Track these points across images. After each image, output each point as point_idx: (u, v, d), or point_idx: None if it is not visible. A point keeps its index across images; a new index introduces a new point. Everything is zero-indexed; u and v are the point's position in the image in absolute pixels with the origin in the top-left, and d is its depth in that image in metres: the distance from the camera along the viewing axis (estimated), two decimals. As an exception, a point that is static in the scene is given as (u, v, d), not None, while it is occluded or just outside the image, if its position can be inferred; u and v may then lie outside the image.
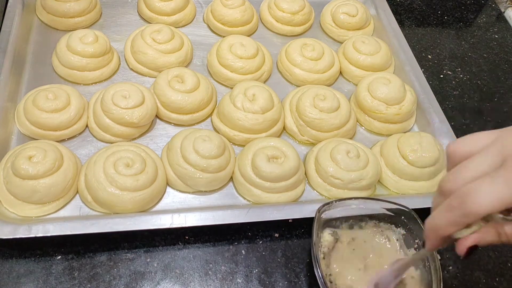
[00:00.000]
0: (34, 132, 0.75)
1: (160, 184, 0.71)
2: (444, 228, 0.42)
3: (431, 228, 0.43)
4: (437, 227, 0.42)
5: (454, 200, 0.40)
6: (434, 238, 0.44)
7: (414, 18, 1.19)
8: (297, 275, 0.68)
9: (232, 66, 0.89)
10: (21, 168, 0.65)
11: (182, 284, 0.66)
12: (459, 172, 0.41)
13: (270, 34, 1.05)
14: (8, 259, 0.65)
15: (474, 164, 0.40)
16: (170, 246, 0.69)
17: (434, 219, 0.43)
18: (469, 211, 0.39)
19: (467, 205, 0.39)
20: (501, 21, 1.24)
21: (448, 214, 0.41)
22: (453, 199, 0.40)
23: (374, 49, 0.96)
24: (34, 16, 0.95)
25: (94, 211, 0.70)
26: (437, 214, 0.42)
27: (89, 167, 0.70)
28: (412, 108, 0.88)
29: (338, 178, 0.74)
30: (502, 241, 0.42)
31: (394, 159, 0.79)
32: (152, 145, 0.80)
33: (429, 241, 0.45)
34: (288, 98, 0.88)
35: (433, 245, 0.45)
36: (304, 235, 0.73)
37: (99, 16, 0.99)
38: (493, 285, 0.72)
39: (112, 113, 0.76)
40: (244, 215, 0.70)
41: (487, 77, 1.07)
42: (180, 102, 0.80)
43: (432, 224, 0.43)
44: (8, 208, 0.67)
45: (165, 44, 0.88)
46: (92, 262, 0.66)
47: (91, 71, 0.85)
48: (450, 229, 0.41)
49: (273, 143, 0.76)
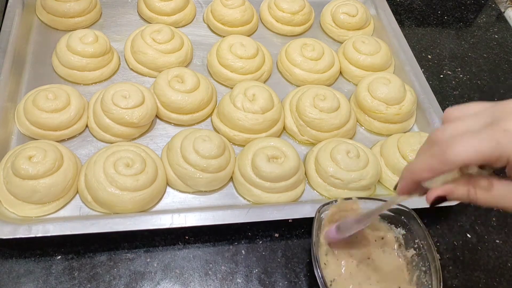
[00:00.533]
0: (34, 132, 0.75)
1: (160, 184, 0.71)
2: (420, 172, 0.44)
3: (408, 169, 0.45)
4: (414, 169, 0.44)
5: (436, 148, 0.42)
6: (408, 180, 0.46)
7: (414, 18, 1.19)
8: (297, 275, 0.68)
9: (232, 66, 0.89)
10: (21, 168, 0.65)
11: (182, 284, 0.66)
12: (448, 127, 0.43)
13: (270, 34, 1.05)
14: (8, 259, 0.65)
15: (464, 122, 0.42)
16: (170, 246, 0.69)
17: (414, 163, 0.45)
18: (447, 158, 0.40)
19: (446, 153, 0.40)
20: (501, 21, 1.24)
21: (429, 160, 0.42)
22: (436, 147, 0.42)
23: (374, 49, 0.96)
24: (34, 16, 0.95)
25: (94, 211, 0.70)
26: (417, 158, 0.45)
27: (89, 167, 0.70)
28: (412, 108, 0.88)
29: (338, 178, 0.74)
30: (470, 199, 0.43)
31: (394, 159, 0.79)
32: (152, 145, 0.80)
33: (402, 181, 0.46)
34: (288, 98, 0.88)
35: (404, 187, 0.47)
36: (304, 235, 0.73)
37: (99, 16, 0.99)
38: (493, 285, 0.72)
39: (112, 113, 0.76)
40: (244, 215, 0.70)
41: (487, 77, 1.07)
42: (180, 102, 0.80)
43: (410, 167, 0.45)
44: (8, 208, 0.67)
45: (165, 44, 0.88)
46: (92, 262, 0.66)
47: (91, 71, 0.85)
48: (427, 174, 0.43)
49: (273, 143, 0.76)
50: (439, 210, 0.79)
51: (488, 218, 0.80)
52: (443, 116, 0.46)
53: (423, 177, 0.44)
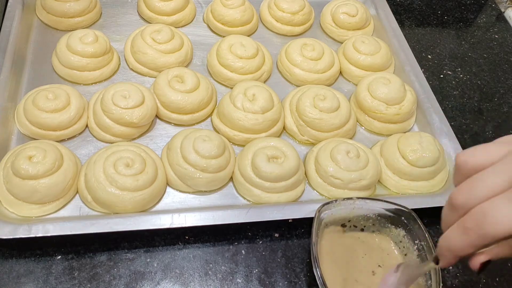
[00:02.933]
0: (34, 132, 0.75)
1: (160, 184, 0.71)
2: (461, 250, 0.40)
3: (447, 248, 0.42)
4: (454, 247, 0.41)
5: (470, 221, 0.38)
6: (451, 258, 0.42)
7: (414, 18, 1.19)
8: (297, 275, 0.68)
9: (232, 66, 0.89)
10: (21, 168, 0.65)
11: (182, 284, 0.66)
12: (473, 187, 0.39)
13: (270, 34, 1.05)
14: (8, 259, 0.65)
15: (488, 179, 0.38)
16: (170, 246, 0.69)
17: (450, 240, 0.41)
18: (486, 233, 0.37)
19: (484, 227, 0.37)
20: (501, 21, 1.24)
21: (464, 237, 0.39)
22: (469, 220, 0.38)
23: (374, 49, 0.96)
24: (34, 16, 0.95)
25: (94, 211, 0.70)
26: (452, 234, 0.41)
27: (89, 167, 0.70)
28: (412, 108, 0.88)
29: (338, 178, 0.74)
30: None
31: (394, 159, 0.79)
32: (152, 145, 0.80)
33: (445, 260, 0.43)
34: (288, 98, 0.88)
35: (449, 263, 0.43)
36: (304, 235, 0.73)
37: (99, 16, 0.99)
38: (493, 285, 0.72)
39: (112, 113, 0.76)
40: (244, 215, 0.70)
41: (487, 77, 1.07)
42: (180, 102, 0.80)
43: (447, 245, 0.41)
44: (8, 208, 0.67)
45: (165, 44, 0.88)
46: (92, 262, 0.66)
47: (91, 71, 0.85)
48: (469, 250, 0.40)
49: (273, 143, 0.76)
50: (439, 210, 0.78)
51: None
52: (456, 163, 0.42)
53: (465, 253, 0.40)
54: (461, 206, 0.39)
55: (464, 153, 0.42)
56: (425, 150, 0.78)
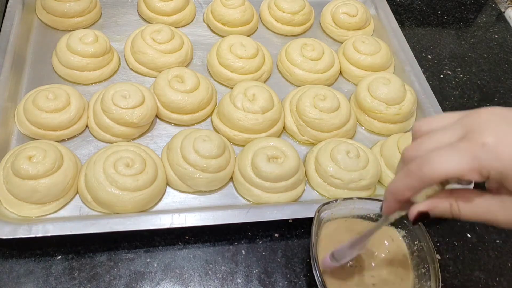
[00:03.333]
0: (34, 132, 0.75)
1: (160, 184, 0.71)
2: (401, 192, 0.43)
3: (389, 191, 0.45)
4: (395, 190, 0.44)
5: (413, 165, 0.41)
6: (392, 201, 0.45)
7: (414, 18, 1.19)
8: (297, 275, 0.68)
9: (232, 66, 0.89)
10: (21, 168, 0.65)
11: (182, 284, 0.66)
12: (422, 142, 0.42)
13: (270, 34, 1.05)
14: (8, 259, 0.65)
15: (437, 136, 0.42)
16: (170, 246, 0.69)
17: (393, 183, 0.44)
18: (424, 175, 0.40)
19: (423, 170, 0.40)
20: (501, 21, 1.24)
21: (406, 179, 0.42)
22: (412, 164, 0.42)
23: (374, 49, 0.96)
24: (34, 16, 0.95)
25: (94, 211, 0.70)
26: (396, 178, 0.44)
27: (89, 167, 0.70)
28: (412, 108, 0.88)
29: (338, 178, 0.74)
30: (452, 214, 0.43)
31: (394, 159, 0.79)
32: (152, 145, 0.80)
33: (387, 203, 0.46)
34: (288, 98, 0.88)
35: (389, 207, 0.46)
36: (304, 235, 0.73)
37: (99, 16, 0.99)
38: (493, 285, 0.72)
39: (112, 113, 0.76)
40: (244, 215, 0.70)
41: (487, 77, 1.07)
42: (180, 102, 0.80)
43: (390, 187, 0.45)
44: (8, 208, 0.67)
45: (165, 44, 0.88)
46: (92, 262, 0.66)
47: (91, 71, 0.85)
48: (407, 193, 0.43)
49: (273, 143, 0.76)
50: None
51: (488, 218, 0.80)
52: (412, 131, 0.46)
53: (404, 196, 0.43)
54: (409, 158, 0.43)
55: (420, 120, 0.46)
56: (425, 150, 0.77)
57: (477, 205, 0.42)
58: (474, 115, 0.41)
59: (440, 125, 0.43)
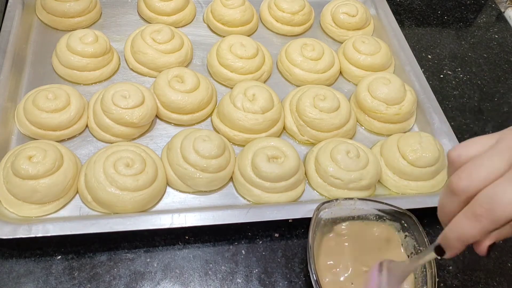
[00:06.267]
0: (34, 132, 0.75)
1: (160, 184, 0.71)
2: (473, 237, 0.41)
3: (457, 238, 0.42)
4: (465, 236, 0.41)
5: (479, 208, 0.39)
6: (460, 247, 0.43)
7: (414, 18, 1.19)
8: (297, 275, 0.68)
9: (232, 66, 0.89)
10: (21, 168, 0.65)
11: (182, 284, 0.66)
12: (472, 170, 0.40)
13: (270, 34, 1.05)
14: (8, 259, 0.65)
15: (483, 162, 0.39)
16: (170, 246, 0.69)
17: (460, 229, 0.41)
18: (498, 217, 0.38)
19: (495, 212, 0.38)
20: (501, 21, 1.24)
21: (476, 224, 0.39)
22: (478, 206, 0.39)
23: (374, 49, 0.96)
24: (34, 16, 0.95)
25: (94, 211, 0.70)
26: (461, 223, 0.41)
27: (89, 167, 0.70)
28: (412, 108, 0.88)
29: (338, 178, 0.74)
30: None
31: (394, 159, 0.79)
32: (152, 145, 0.80)
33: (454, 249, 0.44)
34: (288, 98, 0.88)
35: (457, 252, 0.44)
36: (304, 235, 0.73)
37: (99, 16, 0.99)
38: (493, 285, 0.72)
39: (112, 113, 0.76)
40: (244, 215, 0.70)
41: (487, 77, 1.07)
42: (180, 102, 0.80)
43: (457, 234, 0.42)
44: (8, 208, 0.67)
45: (165, 44, 0.88)
46: (92, 262, 0.66)
47: (91, 71, 0.85)
48: (479, 237, 0.40)
49: (273, 143, 0.76)
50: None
51: (488, 218, 0.80)
52: (448, 158, 0.43)
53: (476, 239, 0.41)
54: (463, 191, 0.40)
55: (456, 147, 0.43)
56: (425, 150, 0.78)
57: None
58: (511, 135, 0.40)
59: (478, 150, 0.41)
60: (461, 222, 0.41)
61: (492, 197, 0.38)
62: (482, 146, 0.41)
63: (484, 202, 0.38)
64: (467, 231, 0.40)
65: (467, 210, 0.40)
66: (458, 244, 0.42)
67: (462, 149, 0.42)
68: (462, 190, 0.40)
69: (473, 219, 0.39)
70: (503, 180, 0.38)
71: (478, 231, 0.40)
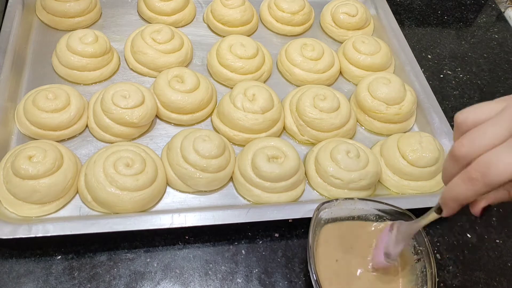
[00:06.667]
0: (34, 132, 0.75)
1: (160, 184, 0.71)
2: (466, 198, 0.43)
3: (452, 198, 0.44)
4: (459, 197, 0.43)
5: (474, 171, 0.41)
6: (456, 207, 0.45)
7: (414, 18, 1.19)
8: (297, 275, 0.68)
9: (232, 66, 0.89)
10: (21, 168, 0.65)
11: (182, 284, 0.66)
12: (475, 138, 0.41)
13: (270, 34, 1.05)
14: (8, 259, 0.65)
15: (487, 129, 0.41)
16: (170, 246, 0.69)
17: (455, 190, 0.43)
18: (491, 181, 0.39)
19: (489, 176, 0.39)
20: (501, 21, 1.24)
21: (470, 186, 0.41)
22: (473, 171, 0.41)
23: (374, 49, 0.96)
24: (34, 16, 0.95)
25: (94, 211, 0.70)
26: (457, 185, 0.43)
27: (89, 167, 0.70)
28: (412, 108, 0.88)
29: (338, 178, 0.74)
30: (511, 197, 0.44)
31: (394, 159, 0.79)
32: (152, 145, 0.80)
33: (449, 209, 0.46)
34: (288, 98, 0.88)
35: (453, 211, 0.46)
36: (304, 235, 0.73)
37: (99, 16, 0.99)
38: (493, 285, 0.72)
39: (112, 113, 0.76)
40: (244, 215, 0.70)
41: (487, 77, 1.07)
42: (180, 102, 0.80)
43: (453, 194, 0.44)
44: (8, 208, 0.67)
45: (165, 44, 0.88)
46: (92, 262, 0.66)
47: (91, 71, 0.85)
48: (472, 198, 0.43)
49: (273, 143, 0.76)
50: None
51: (488, 218, 0.80)
52: (455, 121, 0.44)
53: (469, 201, 0.44)
54: (463, 157, 0.42)
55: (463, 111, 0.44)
56: (425, 150, 0.78)
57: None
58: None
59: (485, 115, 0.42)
60: (457, 184, 0.43)
61: (488, 162, 0.40)
62: (489, 111, 0.42)
63: (480, 167, 0.40)
64: (461, 192, 0.43)
65: (464, 174, 0.42)
66: (453, 204, 0.45)
67: (470, 113, 0.43)
68: (463, 156, 0.42)
69: (468, 182, 0.42)
70: (502, 147, 0.39)
71: (471, 193, 0.42)
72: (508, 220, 0.80)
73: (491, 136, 0.40)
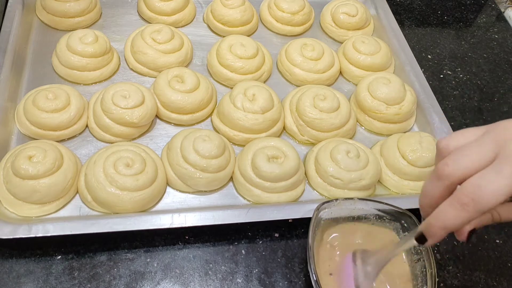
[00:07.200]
0: (34, 132, 0.75)
1: (160, 184, 0.71)
2: (456, 225, 0.42)
3: (440, 226, 0.43)
4: (448, 223, 0.42)
5: (465, 196, 0.40)
6: (443, 234, 0.44)
7: (414, 18, 1.19)
8: (297, 275, 0.68)
9: (232, 66, 0.89)
10: (21, 168, 0.65)
11: (182, 284, 0.66)
12: (459, 157, 0.41)
13: (270, 34, 1.05)
14: (8, 259, 0.65)
15: (473, 150, 0.41)
16: (170, 246, 0.69)
17: (444, 217, 0.42)
18: (483, 206, 0.39)
19: (481, 201, 0.39)
20: (501, 21, 1.24)
21: (461, 211, 0.40)
22: (463, 196, 0.40)
23: (374, 49, 0.96)
24: (34, 16, 0.95)
25: (94, 211, 0.70)
26: (446, 211, 0.42)
27: (89, 167, 0.70)
28: (412, 108, 0.88)
29: (338, 178, 0.74)
30: (495, 221, 0.44)
31: (394, 159, 0.79)
32: (152, 145, 0.80)
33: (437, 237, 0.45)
34: (288, 98, 0.88)
35: (439, 240, 0.45)
36: (304, 235, 0.73)
37: (99, 16, 0.99)
38: (493, 285, 0.72)
39: (112, 113, 0.76)
40: (244, 215, 0.70)
41: (487, 77, 1.07)
42: (180, 102, 0.80)
43: (441, 222, 0.43)
44: (8, 208, 0.67)
45: (165, 44, 0.88)
46: (92, 262, 0.66)
47: (91, 71, 0.85)
48: (462, 225, 0.42)
49: (273, 143, 0.76)
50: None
51: (488, 218, 0.80)
52: (437, 147, 0.45)
53: (459, 227, 0.43)
54: (447, 176, 0.41)
55: (445, 138, 0.44)
56: (425, 150, 0.78)
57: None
58: (500, 128, 0.41)
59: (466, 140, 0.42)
60: (446, 210, 0.42)
61: (478, 187, 0.39)
62: (470, 137, 0.43)
63: (470, 192, 0.40)
64: (451, 219, 0.41)
65: (453, 199, 0.41)
66: (441, 231, 0.43)
67: (451, 139, 0.44)
68: (447, 175, 0.41)
69: (458, 208, 0.40)
70: (489, 169, 0.39)
71: (462, 219, 0.41)
72: (508, 220, 0.80)
73: (476, 156, 0.40)
